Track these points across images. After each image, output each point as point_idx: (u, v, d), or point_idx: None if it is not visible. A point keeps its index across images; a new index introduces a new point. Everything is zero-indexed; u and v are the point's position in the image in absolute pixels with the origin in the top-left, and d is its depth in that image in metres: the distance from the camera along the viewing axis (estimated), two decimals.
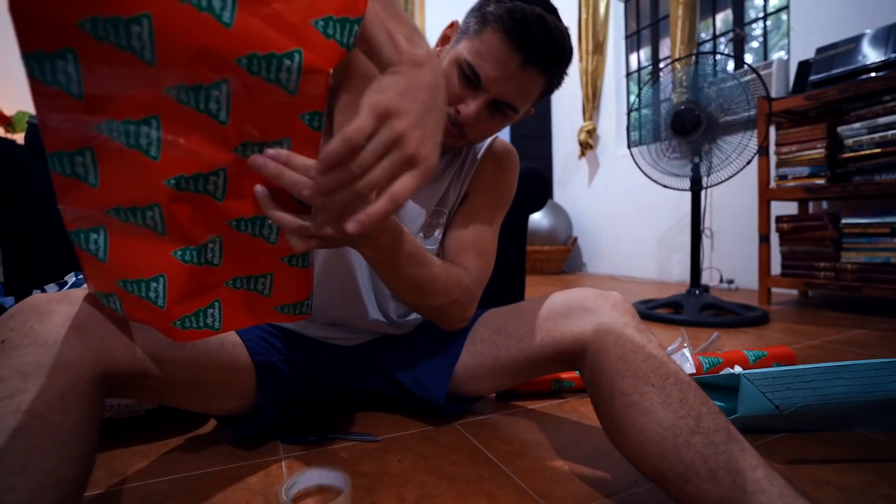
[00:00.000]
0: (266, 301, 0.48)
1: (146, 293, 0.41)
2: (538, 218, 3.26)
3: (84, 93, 0.33)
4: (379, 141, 0.36)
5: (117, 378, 0.48)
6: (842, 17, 1.99)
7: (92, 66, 0.33)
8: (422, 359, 0.75)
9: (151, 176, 0.38)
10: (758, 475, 0.43)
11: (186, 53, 0.34)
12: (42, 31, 0.31)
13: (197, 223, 0.41)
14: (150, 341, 0.51)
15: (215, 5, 0.33)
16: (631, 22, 3.28)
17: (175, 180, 0.38)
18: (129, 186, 0.38)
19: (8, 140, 1.04)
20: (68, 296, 0.47)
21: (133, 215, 0.39)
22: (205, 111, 0.36)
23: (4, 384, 0.39)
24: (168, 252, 0.41)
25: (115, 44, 0.32)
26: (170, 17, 0.32)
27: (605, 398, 0.53)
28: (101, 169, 0.36)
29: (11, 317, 0.44)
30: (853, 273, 1.71)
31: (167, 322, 0.43)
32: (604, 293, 0.62)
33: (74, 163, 0.36)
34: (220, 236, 0.43)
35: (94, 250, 0.39)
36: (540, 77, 0.62)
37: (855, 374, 0.63)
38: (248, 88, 0.36)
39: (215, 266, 0.44)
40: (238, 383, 0.63)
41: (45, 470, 0.37)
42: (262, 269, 0.46)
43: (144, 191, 0.38)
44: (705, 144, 1.69)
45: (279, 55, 0.35)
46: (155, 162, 0.37)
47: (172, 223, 0.40)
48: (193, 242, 0.42)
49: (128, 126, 0.35)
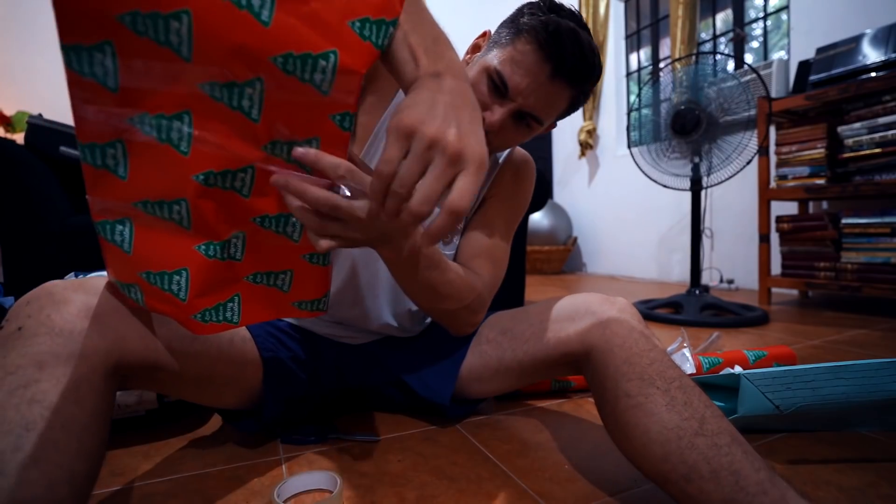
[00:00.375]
0: (284, 297, 0.48)
1: (168, 286, 0.42)
2: (538, 218, 3.26)
3: (119, 86, 0.34)
4: (414, 155, 0.34)
5: (130, 370, 0.48)
6: (842, 16, 1.99)
7: (129, 60, 0.33)
8: (427, 359, 0.75)
9: (180, 171, 0.38)
10: (760, 477, 0.43)
11: (223, 50, 0.34)
12: (82, 23, 0.31)
13: (222, 219, 0.41)
14: (162, 333, 0.52)
15: (254, 3, 0.33)
16: (631, 22, 3.28)
17: (204, 176, 0.39)
18: (157, 180, 0.38)
19: (8, 140, 1.05)
20: (84, 284, 0.46)
21: (160, 209, 0.39)
22: (237, 108, 0.37)
23: (20, 373, 0.38)
24: (192, 246, 0.41)
25: (153, 38, 0.32)
26: (209, 13, 0.32)
27: (610, 399, 0.53)
28: (131, 162, 0.37)
29: (28, 303, 0.43)
30: (853, 273, 1.71)
31: (188, 315, 0.44)
32: (610, 298, 0.62)
33: (105, 154, 0.36)
34: (244, 232, 0.43)
35: (120, 241, 0.40)
36: (567, 91, 0.62)
37: (855, 375, 0.63)
38: (281, 87, 0.36)
39: (237, 261, 0.45)
40: (246, 378, 0.64)
41: (58, 464, 0.36)
42: (282, 266, 0.46)
43: (173, 185, 0.38)
44: (705, 144, 1.69)
45: (315, 55, 0.35)
46: (185, 157, 0.37)
47: (198, 218, 0.40)
48: (218, 237, 0.42)
49: (160, 120, 0.36)
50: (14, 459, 0.34)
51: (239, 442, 0.72)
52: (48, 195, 1.06)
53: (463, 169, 0.35)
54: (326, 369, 0.73)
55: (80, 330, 0.43)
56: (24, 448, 0.35)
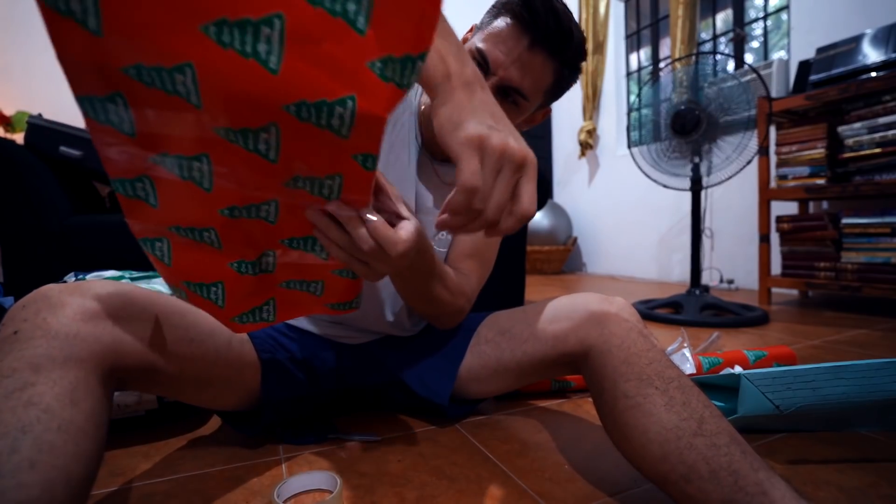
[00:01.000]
0: (318, 299, 0.50)
1: (207, 294, 0.45)
2: (538, 218, 3.26)
3: (136, 131, 0.34)
4: (488, 167, 0.36)
5: (127, 372, 0.48)
6: (842, 16, 1.99)
7: (141, 109, 0.33)
8: (426, 359, 0.75)
9: (206, 204, 0.39)
10: (760, 477, 0.43)
11: (232, 100, 0.33)
12: (89, 76, 0.31)
13: (251, 242, 0.43)
14: (160, 336, 0.52)
15: (261, 50, 0.31)
16: (631, 22, 3.28)
17: (228, 210, 0.40)
18: (185, 211, 0.39)
19: (7, 140, 1.05)
20: (80, 287, 0.46)
21: (191, 233, 0.41)
22: (254, 151, 0.36)
23: (16, 376, 0.38)
24: (225, 264, 0.44)
25: (161, 88, 0.32)
26: (212, 64, 0.31)
27: (609, 400, 0.53)
28: (159, 193, 0.38)
29: (24, 307, 0.43)
30: (853, 273, 1.71)
31: (227, 317, 0.47)
32: (608, 298, 0.62)
33: (135, 187, 0.37)
34: (275, 251, 0.45)
35: (160, 256, 0.42)
36: (549, 63, 0.62)
37: (855, 375, 0.63)
38: (297, 132, 0.35)
39: (270, 273, 0.46)
40: (244, 380, 0.64)
41: (55, 466, 0.36)
42: (314, 277, 0.48)
43: (200, 216, 0.40)
44: (705, 144, 1.69)
45: (330, 102, 0.33)
46: (208, 193, 0.38)
47: (228, 242, 0.42)
48: (249, 258, 0.44)
49: (180, 160, 0.36)
50: (10, 462, 0.34)
51: (239, 442, 0.72)
52: (48, 195, 1.06)
53: (524, 174, 0.37)
54: (325, 370, 0.73)
55: (77, 333, 0.43)
56: (21, 450, 0.35)
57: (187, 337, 0.55)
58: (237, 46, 0.30)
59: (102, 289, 0.48)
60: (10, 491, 0.34)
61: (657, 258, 2.97)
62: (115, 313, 0.47)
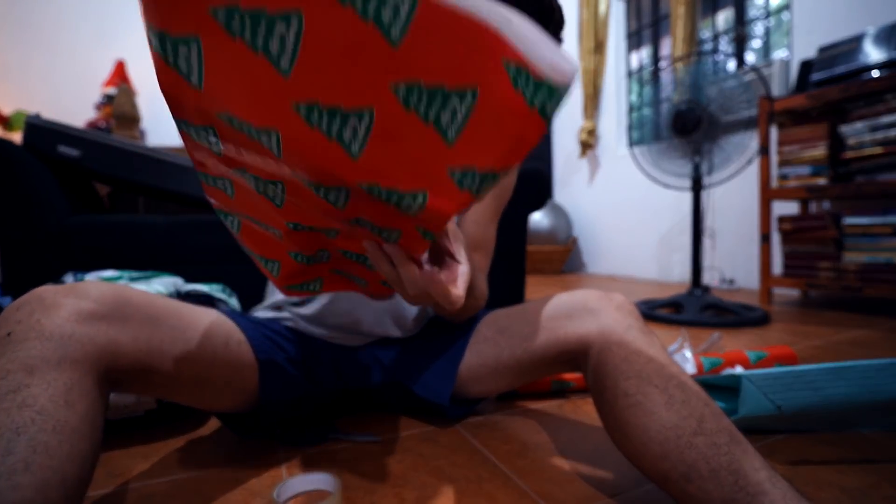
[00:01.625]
0: (361, 288, 0.55)
1: (265, 265, 0.50)
2: (538, 218, 3.26)
3: (223, 153, 0.38)
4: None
5: (122, 373, 0.48)
6: (844, 15, 1.98)
7: (229, 142, 0.36)
8: (425, 360, 0.74)
9: (274, 212, 0.42)
10: (760, 476, 0.43)
11: (310, 166, 0.34)
12: (187, 110, 0.34)
13: (310, 245, 0.47)
14: (156, 337, 0.51)
15: (345, 137, 0.31)
16: (631, 21, 3.28)
17: (293, 225, 0.43)
18: (257, 211, 0.44)
19: (6, 140, 1.04)
20: (75, 289, 0.46)
21: (259, 224, 0.46)
22: (323, 198, 0.37)
23: (10, 378, 0.38)
24: (284, 251, 0.48)
25: (248, 135, 0.33)
26: (297, 136, 0.32)
27: (609, 399, 0.53)
28: (236, 191, 0.43)
29: (18, 308, 0.43)
30: (855, 273, 1.70)
31: (279, 284, 0.52)
32: (607, 294, 0.62)
33: (216, 182, 0.43)
34: (330, 254, 0.49)
35: (231, 225, 0.48)
36: None
37: (857, 375, 0.62)
38: (366, 199, 0.36)
39: (324, 262, 0.51)
40: (242, 381, 0.63)
41: (50, 467, 0.36)
42: (361, 277, 0.53)
43: (269, 219, 0.44)
44: (706, 144, 1.68)
45: (401, 192, 0.33)
46: (278, 208, 0.41)
47: (289, 240, 0.46)
48: (306, 253, 0.48)
49: (257, 180, 0.39)
50: (5, 463, 0.34)
51: (238, 442, 0.72)
52: (46, 195, 1.06)
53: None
54: (324, 371, 0.73)
55: (71, 334, 0.43)
56: (15, 452, 0.35)
57: (183, 338, 0.55)
58: (323, 128, 0.31)
59: (97, 290, 0.48)
60: (4, 492, 0.33)
61: (658, 258, 2.97)
62: (109, 314, 0.47)
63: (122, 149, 1.13)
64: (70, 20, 3.13)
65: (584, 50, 3.27)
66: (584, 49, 3.27)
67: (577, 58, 3.38)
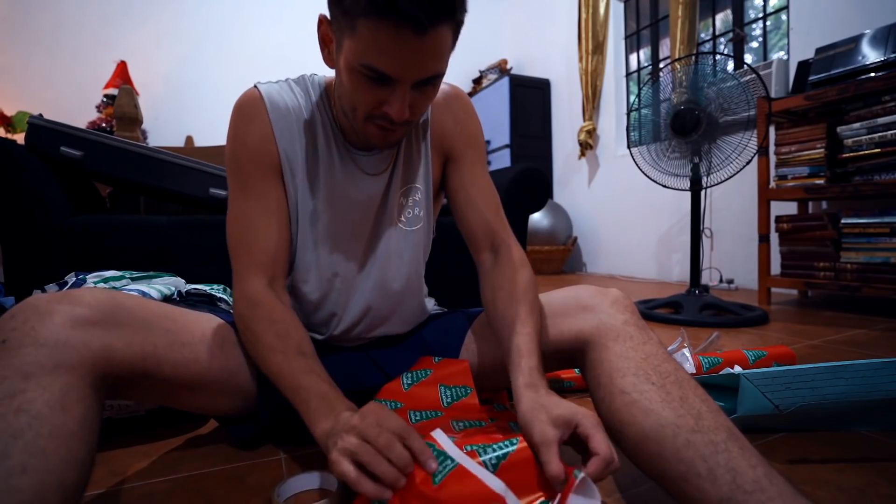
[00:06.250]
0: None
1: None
2: (538, 218, 3.26)
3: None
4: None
5: (118, 378, 0.48)
6: (841, 17, 1.99)
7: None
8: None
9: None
10: (758, 474, 0.43)
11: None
12: None
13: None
14: (150, 342, 0.51)
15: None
16: (631, 22, 3.28)
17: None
18: None
19: (8, 140, 1.05)
20: (69, 296, 0.47)
21: None
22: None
23: (6, 384, 0.39)
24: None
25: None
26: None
27: (605, 396, 0.53)
28: None
29: (12, 316, 0.44)
30: (853, 273, 1.71)
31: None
32: (603, 290, 0.62)
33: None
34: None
35: None
36: (440, 30, 0.52)
37: (854, 374, 0.63)
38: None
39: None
40: (239, 383, 0.63)
41: (47, 471, 0.37)
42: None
43: None
44: (705, 144, 1.69)
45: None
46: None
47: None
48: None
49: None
50: (2, 467, 0.35)
51: (238, 443, 0.72)
52: (48, 195, 1.06)
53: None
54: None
55: (66, 340, 0.43)
56: (13, 456, 0.35)
57: (179, 341, 0.55)
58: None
59: (91, 296, 0.48)
60: (3, 495, 0.34)
61: (657, 258, 2.97)
62: (104, 319, 0.47)
63: (123, 149, 1.13)
64: (72, 21, 3.13)
65: (584, 51, 3.27)
66: (583, 50, 3.28)
67: (577, 59, 3.39)
